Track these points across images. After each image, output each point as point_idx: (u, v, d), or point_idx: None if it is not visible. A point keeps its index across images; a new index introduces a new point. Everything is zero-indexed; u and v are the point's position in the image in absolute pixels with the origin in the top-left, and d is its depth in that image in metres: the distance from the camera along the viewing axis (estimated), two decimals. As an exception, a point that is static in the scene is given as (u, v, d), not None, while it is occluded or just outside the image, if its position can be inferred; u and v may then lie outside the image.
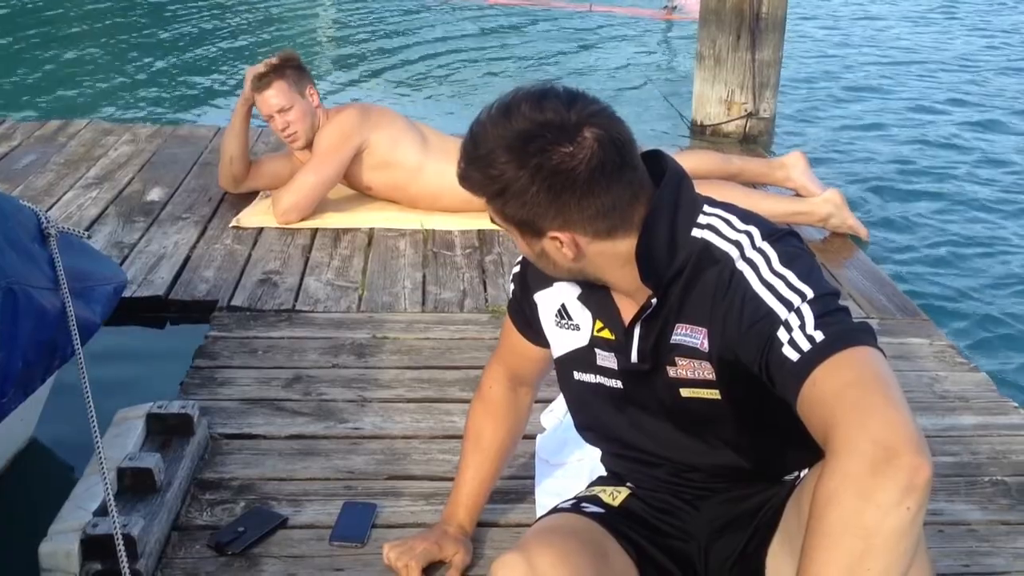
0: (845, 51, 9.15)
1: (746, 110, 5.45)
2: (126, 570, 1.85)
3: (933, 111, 7.18)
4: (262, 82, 3.82)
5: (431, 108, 7.05)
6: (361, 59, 8.72)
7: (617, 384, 1.68)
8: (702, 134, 5.60)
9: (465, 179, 1.53)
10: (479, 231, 3.88)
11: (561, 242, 1.52)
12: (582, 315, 1.70)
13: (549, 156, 1.45)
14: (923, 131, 6.66)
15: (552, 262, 1.58)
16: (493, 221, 1.58)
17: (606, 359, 1.68)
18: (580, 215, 1.49)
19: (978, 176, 5.77)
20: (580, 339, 1.71)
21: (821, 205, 3.99)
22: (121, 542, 1.88)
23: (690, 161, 3.81)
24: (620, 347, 1.64)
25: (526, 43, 9.36)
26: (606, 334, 1.66)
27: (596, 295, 1.66)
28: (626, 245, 1.53)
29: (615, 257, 1.54)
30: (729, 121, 5.49)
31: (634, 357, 1.63)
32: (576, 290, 1.70)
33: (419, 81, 7.96)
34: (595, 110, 1.48)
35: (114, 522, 1.92)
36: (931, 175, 5.75)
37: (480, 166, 1.50)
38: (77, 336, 2.20)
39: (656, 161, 1.59)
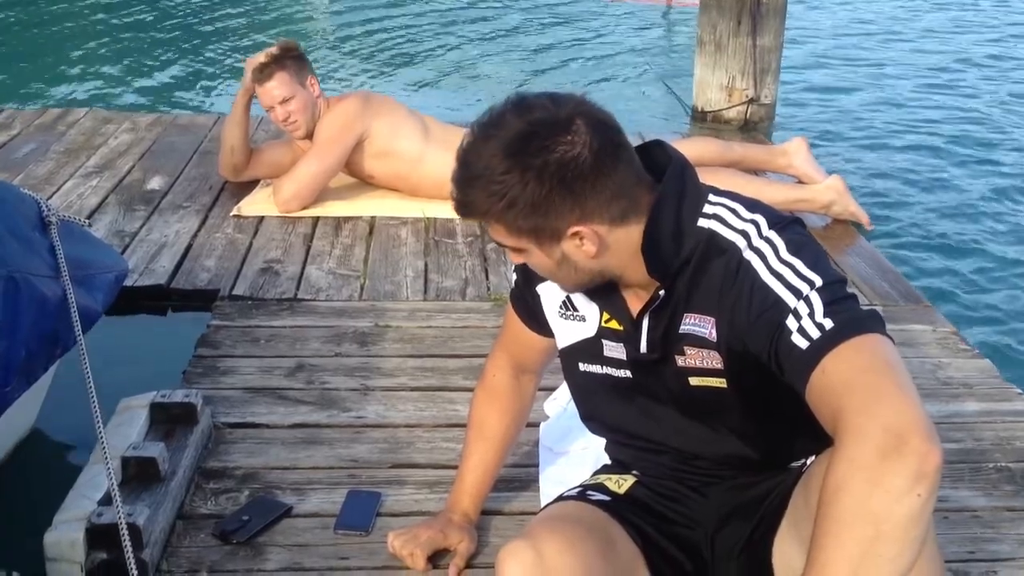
0: (847, 36, 9.13)
1: (747, 96, 5.43)
2: (131, 559, 1.85)
3: (937, 96, 7.17)
4: (263, 73, 3.80)
5: (430, 97, 7.04)
6: (361, 47, 8.69)
7: (625, 374, 1.68)
8: (703, 120, 5.58)
9: (465, 206, 1.50)
10: (481, 219, 3.87)
11: (582, 237, 1.49)
12: (588, 307, 1.69)
13: (551, 151, 1.43)
14: (927, 116, 6.65)
15: (573, 266, 1.54)
16: (501, 245, 1.55)
17: (613, 349, 1.67)
18: (596, 201, 1.47)
19: (983, 162, 5.76)
20: (587, 330, 1.70)
21: (823, 192, 3.98)
22: (126, 531, 1.88)
23: (691, 149, 3.80)
24: (629, 337, 1.64)
25: (527, 31, 9.33)
26: (614, 325, 1.66)
27: (601, 286, 1.65)
28: (638, 233, 1.52)
29: (630, 246, 1.53)
30: (730, 107, 5.48)
31: (643, 347, 1.62)
32: None
33: (418, 70, 7.93)
34: (577, 100, 1.48)
35: (119, 511, 1.91)
36: (935, 161, 5.73)
37: (480, 185, 1.46)
38: (79, 324, 2.19)
39: (659, 151, 1.58)
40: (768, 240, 1.50)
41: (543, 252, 1.53)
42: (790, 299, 1.44)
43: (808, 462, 1.66)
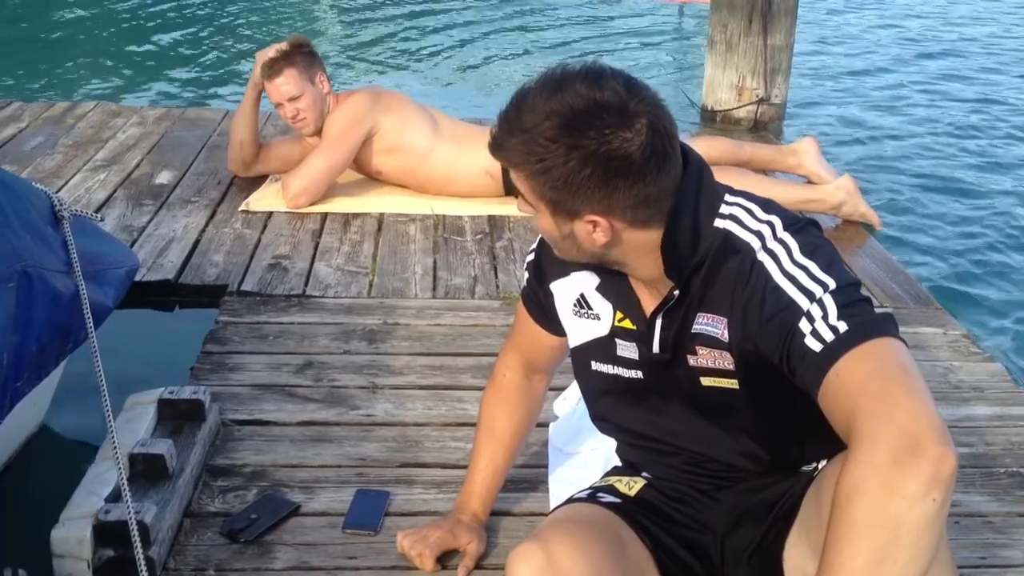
0: (858, 36, 9.10)
1: (757, 96, 5.41)
2: (140, 557, 1.84)
3: (948, 96, 7.13)
4: (272, 69, 3.79)
5: (440, 92, 7.02)
6: (371, 42, 8.68)
7: (636, 374, 1.67)
8: (712, 120, 5.56)
9: (500, 146, 1.47)
10: (489, 216, 3.85)
11: (596, 226, 1.48)
12: (602, 305, 1.68)
13: (608, 140, 1.40)
14: (938, 117, 6.62)
15: (577, 245, 1.54)
16: (510, 193, 1.55)
17: (626, 349, 1.66)
18: (626, 202, 1.45)
19: (994, 164, 5.73)
20: (600, 329, 1.69)
21: (833, 192, 3.96)
22: (135, 528, 1.87)
23: (701, 148, 3.71)
24: (642, 337, 1.63)
25: (537, 27, 9.31)
26: (627, 324, 1.65)
27: (615, 285, 1.64)
28: (655, 235, 1.51)
29: (644, 245, 1.52)
30: (740, 107, 5.46)
31: (656, 347, 1.61)
32: (595, 280, 1.67)
33: (428, 65, 7.92)
34: (651, 96, 1.44)
35: (128, 509, 1.91)
36: (946, 162, 5.71)
37: (523, 137, 1.43)
38: (91, 320, 2.19)
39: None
40: (782, 242, 1.49)
41: (553, 221, 1.51)
42: (803, 302, 1.43)
43: (819, 466, 1.65)
